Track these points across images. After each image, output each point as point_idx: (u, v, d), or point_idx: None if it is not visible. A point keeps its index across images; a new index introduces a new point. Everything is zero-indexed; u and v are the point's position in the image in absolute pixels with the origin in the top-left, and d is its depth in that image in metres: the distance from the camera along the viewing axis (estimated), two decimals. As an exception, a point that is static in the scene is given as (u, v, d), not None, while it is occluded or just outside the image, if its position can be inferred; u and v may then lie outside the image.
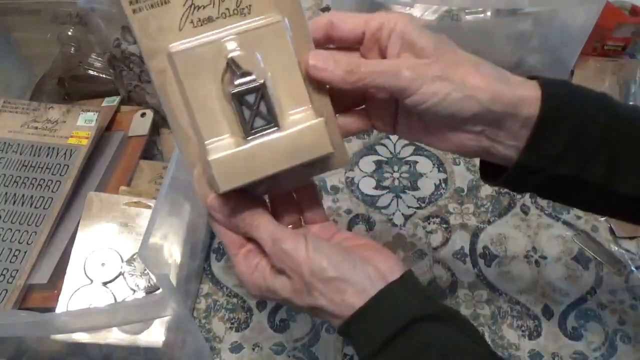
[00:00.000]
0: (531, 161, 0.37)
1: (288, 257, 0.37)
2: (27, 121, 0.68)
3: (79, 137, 0.67)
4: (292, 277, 0.37)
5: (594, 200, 0.40)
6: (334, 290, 0.37)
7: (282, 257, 0.37)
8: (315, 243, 0.38)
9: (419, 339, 0.36)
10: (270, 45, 0.36)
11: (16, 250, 0.60)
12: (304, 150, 0.35)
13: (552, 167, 0.37)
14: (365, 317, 0.36)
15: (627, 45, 0.79)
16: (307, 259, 0.37)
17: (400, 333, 0.35)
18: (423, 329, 0.36)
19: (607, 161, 0.36)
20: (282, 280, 0.38)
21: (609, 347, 0.59)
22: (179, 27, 0.35)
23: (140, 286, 0.58)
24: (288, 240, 0.37)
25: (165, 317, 0.54)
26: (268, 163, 0.35)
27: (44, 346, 0.59)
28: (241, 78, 0.35)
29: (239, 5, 0.35)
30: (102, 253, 0.59)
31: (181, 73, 0.35)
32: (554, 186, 0.39)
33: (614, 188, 0.37)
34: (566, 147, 0.36)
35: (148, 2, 0.34)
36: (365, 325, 0.37)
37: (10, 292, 0.57)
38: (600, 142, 0.36)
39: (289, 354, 0.59)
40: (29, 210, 0.62)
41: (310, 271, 0.37)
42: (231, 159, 0.35)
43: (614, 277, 0.63)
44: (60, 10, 0.74)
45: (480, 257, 0.66)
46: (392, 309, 0.36)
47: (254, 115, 0.35)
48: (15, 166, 0.65)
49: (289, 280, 0.38)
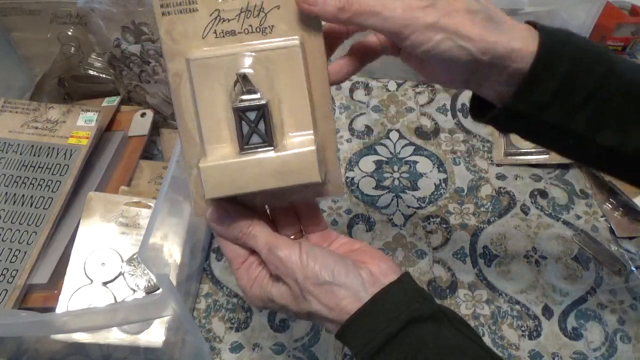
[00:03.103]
0: (519, 107, 0.38)
1: (282, 263, 0.38)
2: (27, 121, 0.68)
3: (78, 137, 0.67)
4: (288, 284, 0.38)
5: (573, 147, 0.41)
6: (328, 295, 0.37)
7: (277, 264, 0.38)
8: (308, 249, 0.38)
9: (416, 339, 0.36)
10: (283, 67, 0.37)
11: (16, 250, 0.60)
12: (292, 175, 0.36)
13: (538, 114, 0.38)
14: (360, 321, 0.37)
15: (627, 45, 0.79)
16: (300, 265, 0.37)
17: (397, 334, 0.36)
18: (420, 330, 0.36)
19: (593, 113, 0.37)
20: (278, 287, 0.39)
21: (609, 347, 0.59)
22: (202, 36, 0.37)
23: (140, 286, 0.58)
24: (282, 247, 0.38)
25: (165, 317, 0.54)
26: (255, 180, 0.36)
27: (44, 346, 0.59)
28: (247, 94, 0.36)
29: (262, 24, 0.37)
30: (102, 253, 0.59)
31: (195, 79, 0.36)
32: (538, 130, 0.40)
33: (594, 139, 0.38)
34: (554, 96, 0.37)
35: (178, 8, 0.36)
36: (361, 329, 0.37)
37: (10, 292, 0.57)
38: (589, 95, 0.37)
39: (289, 354, 0.59)
40: (29, 210, 0.62)
41: (304, 276, 0.37)
42: (220, 169, 0.36)
43: (614, 277, 0.63)
44: (60, 10, 0.74)
45: (480, 257, 0.66)
46: (388, 312, 0.36)
47: (252, 132, 0.36)
48: (15, 166, 0.65)
49: (286, 287, 0.39)
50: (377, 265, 0.39)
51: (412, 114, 0.80)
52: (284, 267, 0.38)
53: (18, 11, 0.74)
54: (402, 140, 0.77)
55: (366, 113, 0.80)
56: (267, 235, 0.39)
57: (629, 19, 0.78)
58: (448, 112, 0.80)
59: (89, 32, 0.74)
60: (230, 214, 0.40)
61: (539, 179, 0.72)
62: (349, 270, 0.38)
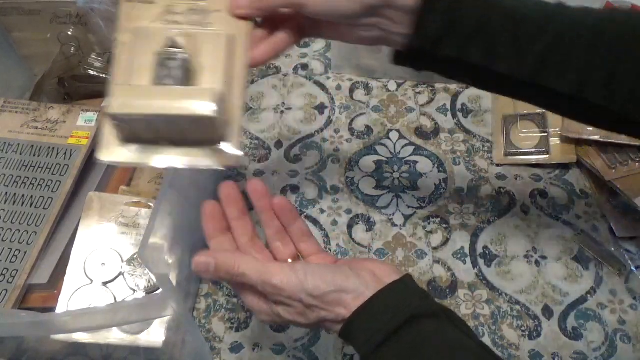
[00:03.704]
0: (416, 44, 0.42)
1: (280, 290, 0.39)
2: (27, 121, 0.68)
3: (78, 137, 0.67)
4: (292, 305, 0.39)
5: (478, 78, 0.44)
6: (332, 302, 0.38)
7: (275, 292, 0.39)
8: (304, 266, 0.40)
9: (418, 334, 0.37)
10: (208, 47, 0.44)
11: (16, 250, 0.60)
12: (189, 107, 0.40)
13: (435, 49, 0.41)
14: (363, 316, 0.38)
15: (627, 45, 0.79)
16: (299, 283, 0.39)
17: (400, 329, 0.36)
18: (422, 325, 0.37)
19: (485, 44, 0.40)
20: (283, 307, 0.40)
21: (609, 347, 0.59)
22: (151, 20, 0.45)
23: (140, 286, 0.58)
24: (275, 274, 0.39)
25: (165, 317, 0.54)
26: (157, 105, 0.40)
27: (44, 346, 0.59)
28: (172, 48, 0.43)
29: (202, 20, 0.45)
30: (102, 253, 0.59)
31: (136, 43, 0.44)
32: (444, 66, 0.43)
33: (492, 68, 0.41)
34: (444, 31, 0.40)
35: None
36: (364, 324, 0.38)
37: (10, 292, 0.57)
38: (477, 26, 0.40)
39: (289, 354, 0.59)
40: (29, 210, 0.62)
41: (306, 293, 0.38)
42: (129, 90, 0.41)
43: (614, 277, 0.63)
44: (60, 10, 0.74)
45: (480, 257, 0.66)
46: (390, 308, 0.38)
47: (167, 75, 0.42)
48: (15, 166, 0.65)
49: (290, 307, 0.40)
50: (379, 268, 0.40)
51: (412, 114, 0.80)
52: (284, 292, 0.39)
53: (18, 11, 0.74)
54: (402, 140, 0.77)
55: (366, 113, 0.80)
56: (257, 269, 0.40)
57: (629, 19, 0.77)
58: (448, 112, 0.80)
59: (89, 32, 0.74)
60: (210, 264, 0.41)
61: (539, 179, 0.72)
62: (348, 276, 0.39)
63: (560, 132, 0.72)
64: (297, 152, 0.76)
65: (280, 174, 0.74)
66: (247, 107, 0.81)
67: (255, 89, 0.83)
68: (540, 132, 0.74)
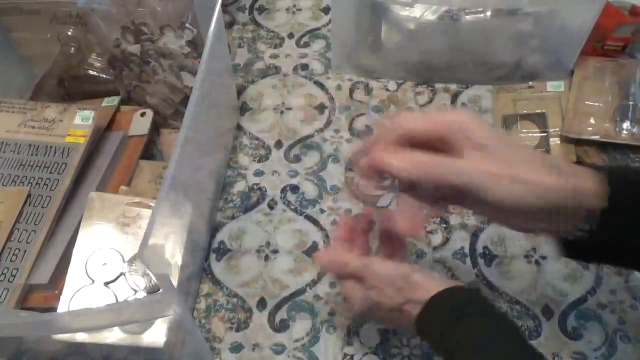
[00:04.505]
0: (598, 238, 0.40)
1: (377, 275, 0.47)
2: (24, 120, 0.68)
3: (76, 136, 0.67)
4: (384, 288, 0.47)
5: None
6: (415, 284, 0.46)
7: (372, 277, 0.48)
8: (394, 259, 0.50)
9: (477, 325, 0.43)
10: None
11: (16, 249, 0.60)
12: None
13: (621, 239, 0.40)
14: (447, 292, 0.44)
15: (627, 45, 0.79)
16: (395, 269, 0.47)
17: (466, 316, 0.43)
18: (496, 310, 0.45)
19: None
20: (376, 290, 0.47)
21: (609, 347, 0.59)
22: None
23: (141, 286, 0.58)
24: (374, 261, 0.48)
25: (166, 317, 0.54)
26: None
27: (44, 346, 0.59)
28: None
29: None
30: (103, 253, 0.59)
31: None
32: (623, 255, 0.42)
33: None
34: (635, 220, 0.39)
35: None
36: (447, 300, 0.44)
37: (11, 291, 0.57)
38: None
39: (289, 354, 0.59)
40: (28, 209, 0.62)
41: (397, 274, 0.47)
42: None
43: (614, 277, 0.63)
44: (60, 10, 0.74)
45: (480, 257, 0.66)
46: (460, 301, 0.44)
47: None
48: (12, 165, 0.65)
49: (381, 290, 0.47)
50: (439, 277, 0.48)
51: (412, 114, 0.80)
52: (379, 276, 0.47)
53: (18, 11, 0.74)
54: (402, 140, 0.77)
55: (366, 113, 0.80)
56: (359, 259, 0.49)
57: (629, 19, 0.78)
58: (448, 112, 0.80)
59: (89, 32, 0.74)
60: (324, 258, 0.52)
61: (539, 179, 0.72)
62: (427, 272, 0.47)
63: (560, 132, 0.72)
64: (297, 152, 0.76)
65: (280, 174, 0.74)
66: (247, 107, 0.81)
67: (255, 89, 0.83)
68: (540, 132, 0.74)
